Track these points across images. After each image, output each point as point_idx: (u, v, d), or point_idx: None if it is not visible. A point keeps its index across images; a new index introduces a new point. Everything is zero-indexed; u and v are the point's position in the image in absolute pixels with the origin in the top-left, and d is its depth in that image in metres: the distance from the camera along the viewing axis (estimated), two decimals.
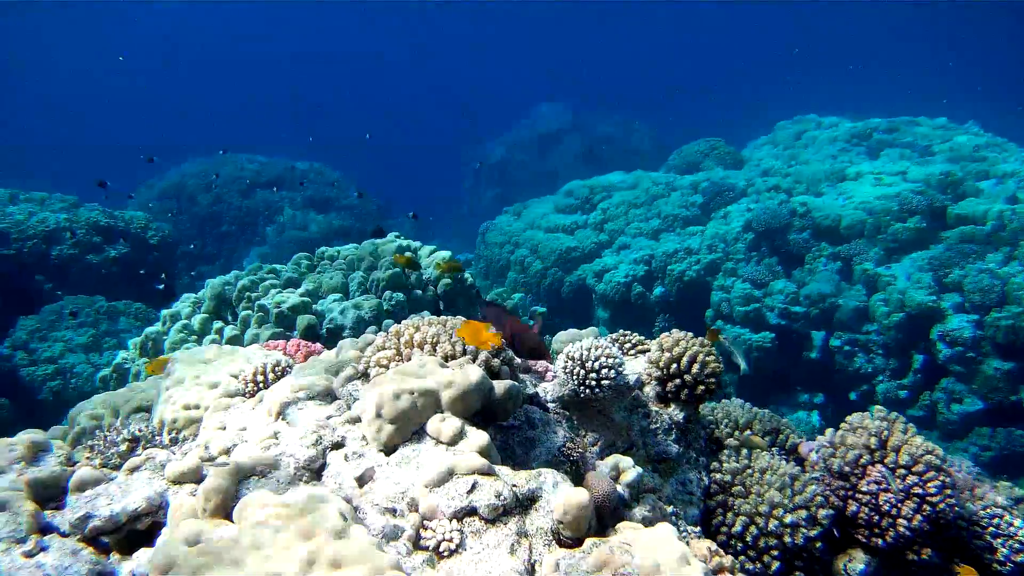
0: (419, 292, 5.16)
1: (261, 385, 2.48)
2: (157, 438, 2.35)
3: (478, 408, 2.00)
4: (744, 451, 2.64)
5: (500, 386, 2.06)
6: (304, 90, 50.10)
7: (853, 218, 10.30)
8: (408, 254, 5.29)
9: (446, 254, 5.74)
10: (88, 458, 2.33)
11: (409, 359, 2.16)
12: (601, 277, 11.42)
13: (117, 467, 2.22)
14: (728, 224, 11.44)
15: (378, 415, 1.91)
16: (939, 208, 9.94)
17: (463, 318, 2.34)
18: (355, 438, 1.99)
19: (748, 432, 2.90)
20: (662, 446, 2.45)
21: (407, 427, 1.91)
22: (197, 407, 2.48)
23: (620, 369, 2.36)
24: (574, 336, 3.02)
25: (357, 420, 2.05)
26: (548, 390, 2.45)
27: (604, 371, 2.30)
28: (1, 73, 45.23)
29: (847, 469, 2.58)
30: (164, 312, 4.96)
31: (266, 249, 17.41)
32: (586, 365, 2.32)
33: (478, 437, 1.88)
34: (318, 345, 2.84)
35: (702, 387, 2.55)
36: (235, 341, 4.53)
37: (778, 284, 9.96)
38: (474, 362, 2.14)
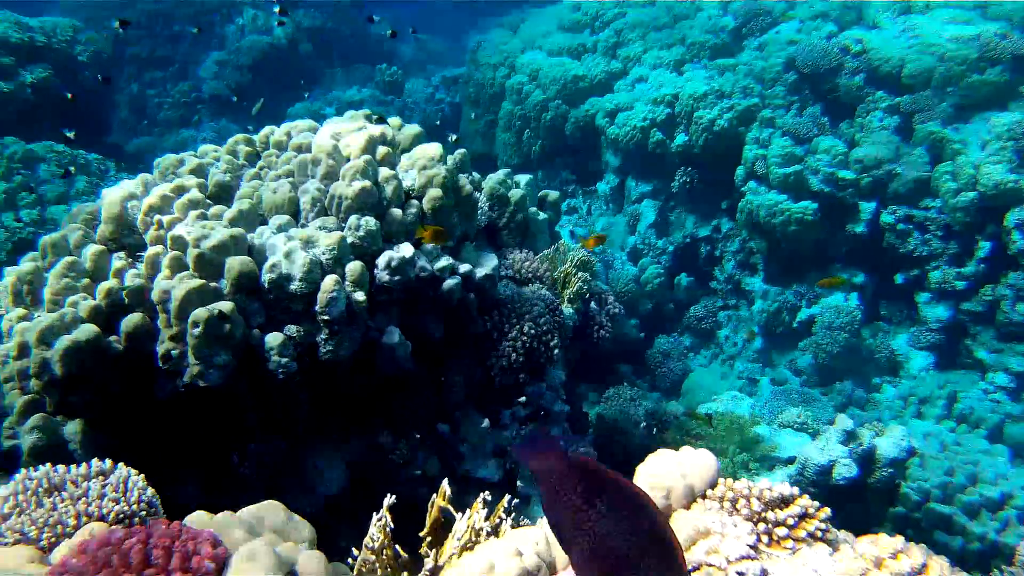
0: (397, 211, 3.55)
1: None
2: None
3: None
4: None
5: None
6: None
7: (919, 64, 8.65)
8: (383, 139, 3.66)
9: (435, 150, 3.92)
10: None
11: None
12: (614, 118, 9.77)
13: None
14: (766, 60, 9.67)
15: None
16: None
17: None
18: None
19: None
20: None
21: None
22: None
23: None
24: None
25: None
26: None
27: None
28: None
29: None
30: (44, 239, 3.34)
31: (225, 55, 14.99)
32: None
33: None
34: (193, 542, 1.27)
35: None
36: (139, 294, 3.02)
37: (824, 142, 8.50)
38: None
